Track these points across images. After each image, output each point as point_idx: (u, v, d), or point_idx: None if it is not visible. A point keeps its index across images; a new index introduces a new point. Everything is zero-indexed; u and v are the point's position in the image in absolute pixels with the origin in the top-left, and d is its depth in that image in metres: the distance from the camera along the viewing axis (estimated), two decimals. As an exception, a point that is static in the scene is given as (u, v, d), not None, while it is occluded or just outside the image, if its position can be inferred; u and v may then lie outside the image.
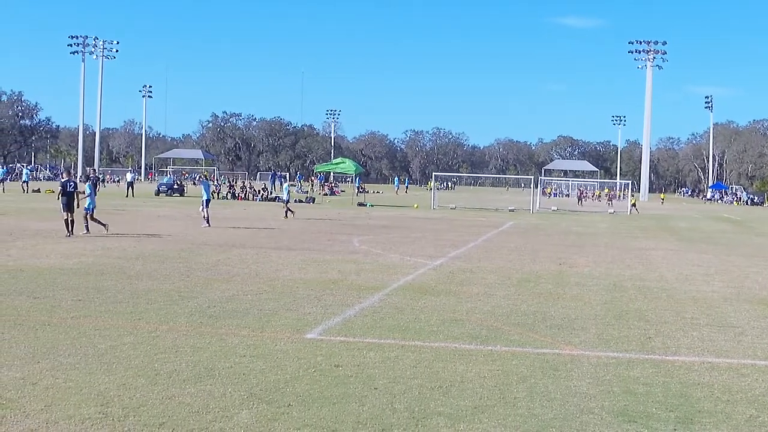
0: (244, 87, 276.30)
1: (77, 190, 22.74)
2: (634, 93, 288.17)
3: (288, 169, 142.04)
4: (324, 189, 75.00)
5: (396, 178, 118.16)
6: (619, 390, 7.85)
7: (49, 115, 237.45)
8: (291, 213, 34.75)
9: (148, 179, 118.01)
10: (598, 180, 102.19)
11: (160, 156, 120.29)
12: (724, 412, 7.26)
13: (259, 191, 57.75)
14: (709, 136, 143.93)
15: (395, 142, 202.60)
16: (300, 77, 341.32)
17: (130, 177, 59.00)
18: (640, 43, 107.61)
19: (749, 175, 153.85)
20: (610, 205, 59.60)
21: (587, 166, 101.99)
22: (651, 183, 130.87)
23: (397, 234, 27.35)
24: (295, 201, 51.59)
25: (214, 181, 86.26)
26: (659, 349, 9.90)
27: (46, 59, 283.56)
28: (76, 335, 9.38)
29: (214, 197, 54.22)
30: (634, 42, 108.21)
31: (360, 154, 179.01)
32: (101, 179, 45.85)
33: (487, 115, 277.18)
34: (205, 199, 27.82)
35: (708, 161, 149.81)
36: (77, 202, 22.51)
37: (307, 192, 69.11)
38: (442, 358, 8.88)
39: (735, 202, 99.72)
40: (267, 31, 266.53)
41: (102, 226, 22.64)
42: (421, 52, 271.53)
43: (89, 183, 24.34)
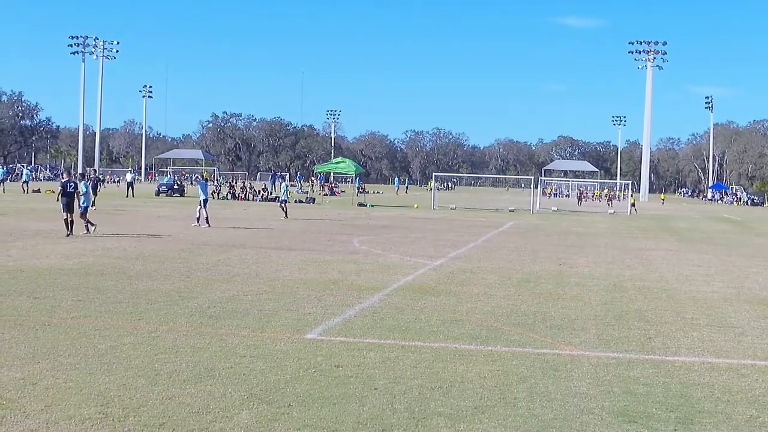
0: (244, 87, 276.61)
1: (77, 191, 22.75)
2: (634, 93, 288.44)
3: (288, 170, 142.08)
4: (324, 189, 75.04)
5: (396, 179, 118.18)
6: (620, 390, 7.85)
7: (50, 116, 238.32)
8: (285, 216, 34.11)
9: (148, 179, 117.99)
10: (599, 180, 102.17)
11: (160, 156, 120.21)
12: (724, 413, 7.27)
13: (259, 191, 57.77)
14: (709, 136, 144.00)
15: (395, 142, 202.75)
16: (300, 77, 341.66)
17: (130, 177, 59.02)
18: (641, 43, 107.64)
19: (749, 175, 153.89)
20: (610, 206, 59.62)
21: (587, 166, 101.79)
22: (651, 183, 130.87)
23: (397, 234, 27.35)
24: (296, 201, 51.67)
25: (213, 181, 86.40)
26: (659, 349, 9.90)
27: (46, 59, 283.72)
28: (77, 335, 9.38)
29: (214, 197, 54.34)
30: (635, 42, 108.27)
31: (360, 155, 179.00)
32: (101, 179, 45.78)
33: (487, 115, 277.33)
34: (203, 199, 27.82)
35: (708, 161, 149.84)
36: (78, 203, 22.54)
37: (307, 192, 69.15)
38: (442, 359, 8.88)
39: (735, 203, 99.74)
40: (267, 31, 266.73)
41: (90, 226, 22.49)
42: (421, 52, 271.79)
43: (84, 182, 24.28)
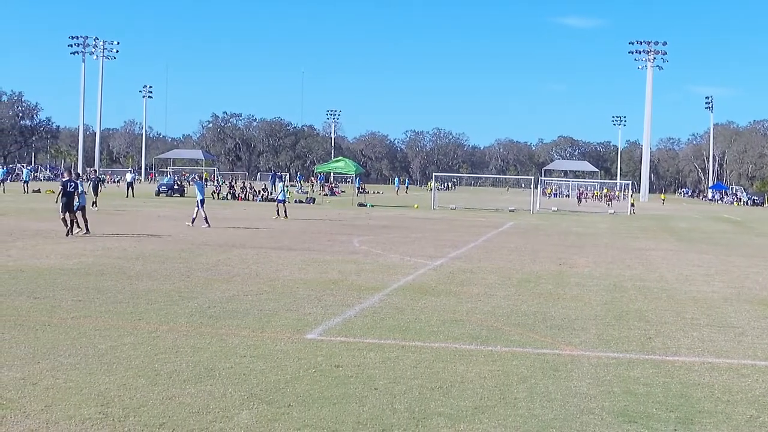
0: (244, 87, 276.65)
1: (78, 190, 22.73)
2: (634, 93, 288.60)
3: (288, 170, 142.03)
4: (324, 189, 75.08)
5: (396, 179, 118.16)
6: (620, 390, 7.85)
7: (50, 116, 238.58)
8: (278, 214, 33.77)
9: (149, 180, 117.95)
10: (599, 180, 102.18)
11: (161, 156, 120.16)
12: (724, 413, 7.26)
13: (259, 192, 57.79)
14: (709, 136, 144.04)
15: (395, 142, 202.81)
16: (300, 77, 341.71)
17: (130, 177, 59.03)
18: (641, 43, 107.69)
19: (749, 175, 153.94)
20: (610, 206, 59.62)
21: (587, 166, 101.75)
22: (651, 183, 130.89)
23: (397, 234, 27.35)
24: (296, 201, 51.67)
25: (213, 181, 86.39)
26: (659, 349, 9.90)
27: (46, 59, 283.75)
28: (77, 335, 9.38)
29: (215, 198, 54.37)
30: (635, 42, 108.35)
31: (360, 155, 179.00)
32: (102, 179, 45.70)
33: (487, 115, 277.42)
34: (200, 199, 27.80)
35: (708, 162, 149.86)
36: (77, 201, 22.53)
37: (307, 192, 69.16)
38: (442, 359, 8.88)
39: (735, 203, 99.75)
40: (267, 31, 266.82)
41: (83, 228, 22.28)
42: (421, 52, 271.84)
43: (80, 180, 24.31)
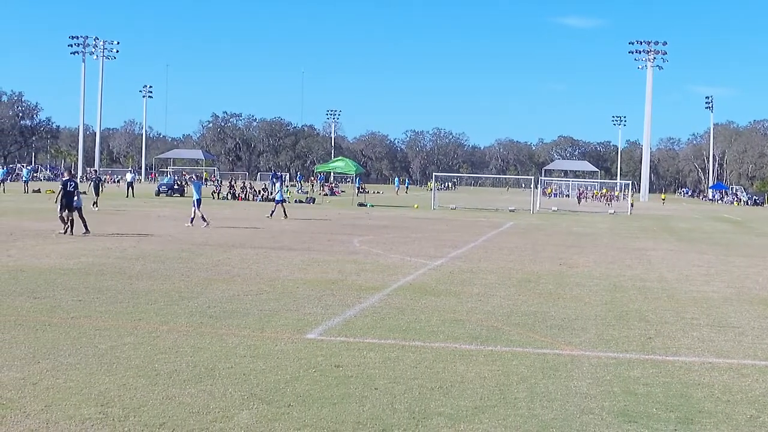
0: (244, 87, 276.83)
1: (78, 190, 22.72)
2: (634, 93, 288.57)
3: (288, 170, 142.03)
4: (324, 189, 75.07)
5: (396, 179, 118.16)
6: (620, 390, 7.85)
7: (50, 116, 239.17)
8: (272, 214, 33.67)
9: (149, 179, 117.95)
10: (599, 180, 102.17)
11: (161, 156, 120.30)
12: (724, 413, 7.26)
13: (259, 192, 57.80)
14: (709, 136, 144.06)
15: (395, 142, 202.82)
16: (300, 77, 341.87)
17: (130, 177, 59.06)
18: (641, 43, 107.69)
19: (749, 175, 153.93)
20: (609, 206, 59.63)
21: (587, 166, 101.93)
22: (651, 183, 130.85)
23: (398, 234, 27.35)
24: (296, 201, 51.69)
25: (213, 181, 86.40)
26: (659, 349, 9.89)
27: (46, 59, 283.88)
28: (77, 335, 9.38)
29: (215, 197, 54.37)
30: (635, 42, 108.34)
31: (360, 155, 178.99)
32: (102, 180, 45.73)
33: (487, 115, 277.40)
34: (196, 199, 27.79)
35: (708, 161, 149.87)
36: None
37: (307, 192, 69.16)
38: (442, 359, 8.88)
39: (735, 203, 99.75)
40: (267, 31, 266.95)
41: (65, 227, 22.03)
42: (421, 52, 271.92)
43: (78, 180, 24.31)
